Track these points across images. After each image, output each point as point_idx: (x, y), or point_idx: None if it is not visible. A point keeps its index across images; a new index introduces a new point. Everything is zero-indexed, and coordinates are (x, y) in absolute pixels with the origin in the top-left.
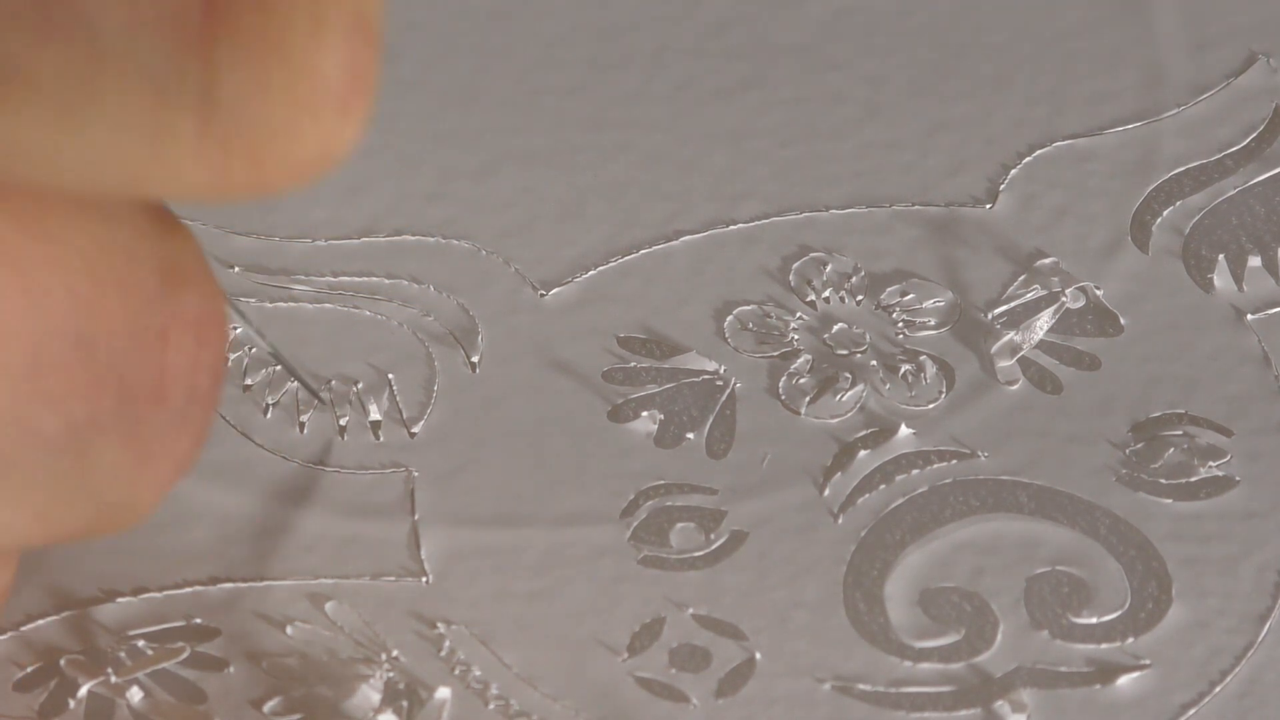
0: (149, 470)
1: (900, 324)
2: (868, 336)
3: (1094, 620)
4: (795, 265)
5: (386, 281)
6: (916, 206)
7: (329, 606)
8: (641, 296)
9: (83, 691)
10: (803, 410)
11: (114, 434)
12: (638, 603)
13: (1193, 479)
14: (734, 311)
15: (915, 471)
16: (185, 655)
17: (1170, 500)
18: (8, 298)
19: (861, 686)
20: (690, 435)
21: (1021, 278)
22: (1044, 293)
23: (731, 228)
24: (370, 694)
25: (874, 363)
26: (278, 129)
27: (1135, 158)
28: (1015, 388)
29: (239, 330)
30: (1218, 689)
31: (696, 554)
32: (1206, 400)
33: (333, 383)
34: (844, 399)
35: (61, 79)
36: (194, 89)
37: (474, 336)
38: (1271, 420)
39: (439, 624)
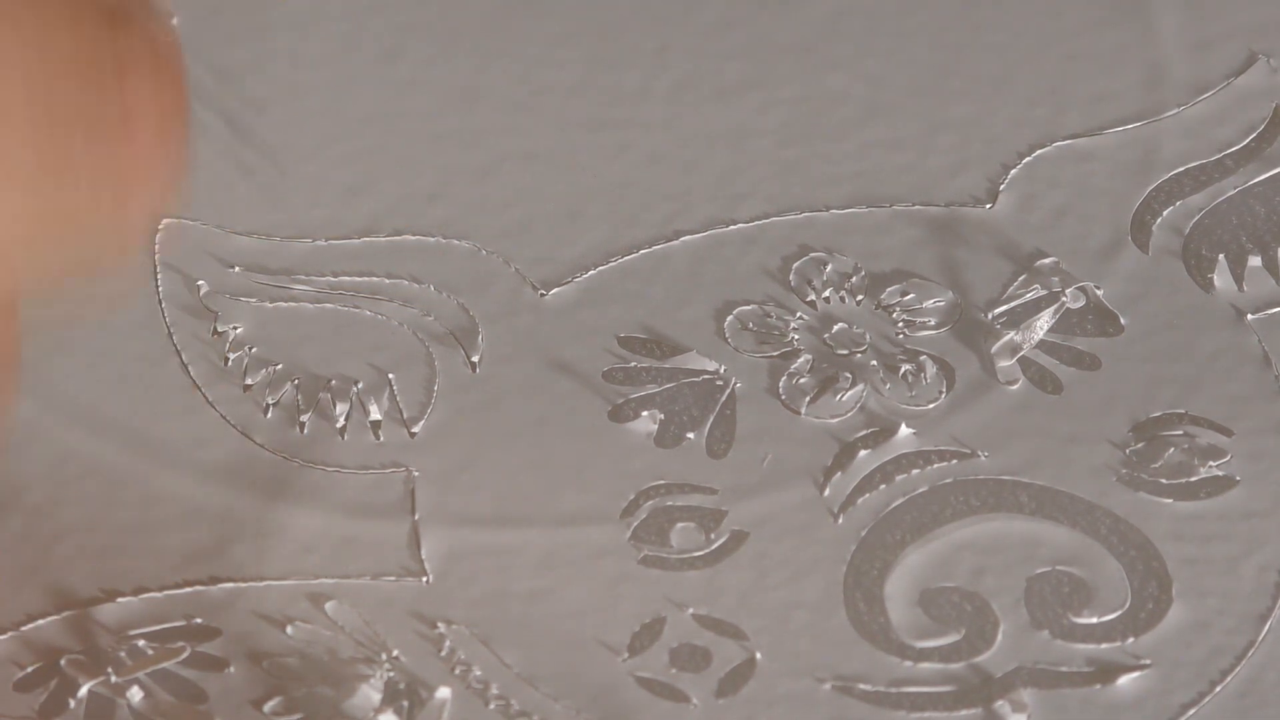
0: (128, 210)
1: (900, 324)
2: (868, 336)
3: (1094, 620)
4: (795, 265)
5: (387, 281)
6: (917, 206)
7: (329, 606)
8: (641, 296)
9: (83, 691)
10: (803, 410)
11: (88, 172)
12: (638, 603)
13: (1193, 479)
14: (734, 311)
15: (915, 471)
16: (185, 655)
17: (1170, 500)
18: None
19: (862, 686)
20: (690, 435)
21: (1021, 278)
22: (1044, 293)
23: (731, 228)
24: (370, 694)
25: (874, 363)
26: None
27: (1135, 158)
28: (1015, 388)
29: (239, 330)
30: (1218, 689)
31: (697, 554)
32: (1206, 400)
33: (333, 382)
34: (844, 399)
35: None
36: None
37: (474, 336)
38: (1271, 420)
39: (439, 624)
